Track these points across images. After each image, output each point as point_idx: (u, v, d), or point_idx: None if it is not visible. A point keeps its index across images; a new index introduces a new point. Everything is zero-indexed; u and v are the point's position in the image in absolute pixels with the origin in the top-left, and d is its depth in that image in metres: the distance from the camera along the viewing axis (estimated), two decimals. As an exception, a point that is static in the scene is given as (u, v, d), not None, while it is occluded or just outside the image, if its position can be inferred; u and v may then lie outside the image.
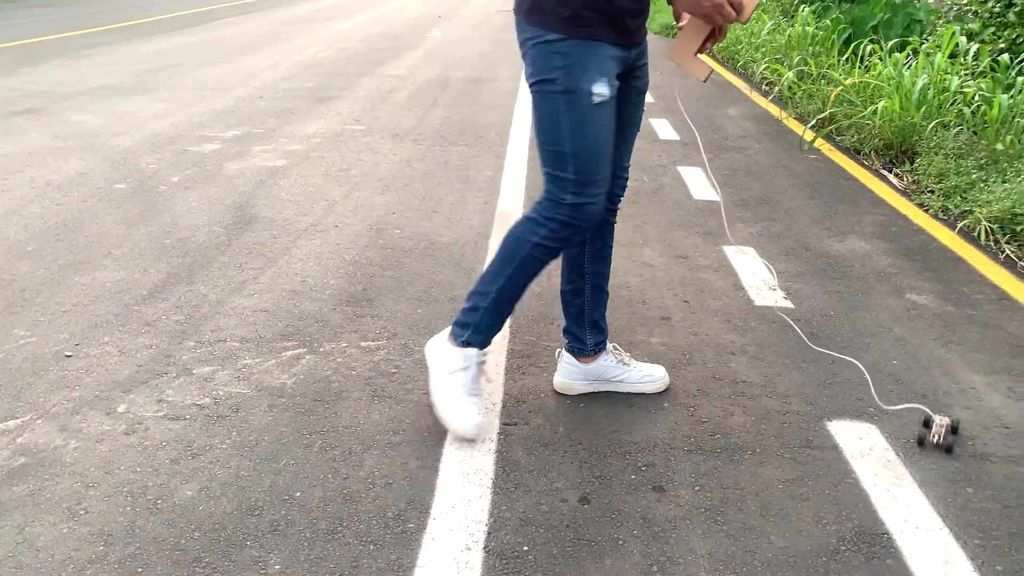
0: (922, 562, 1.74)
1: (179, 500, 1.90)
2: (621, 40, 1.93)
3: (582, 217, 2.00)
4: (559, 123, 1.94)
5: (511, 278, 2.11)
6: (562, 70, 1.90)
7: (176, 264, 3.29)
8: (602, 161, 1.98)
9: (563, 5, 1.87)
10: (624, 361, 2.37)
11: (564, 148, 1.96)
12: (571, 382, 2.37)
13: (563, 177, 1.98)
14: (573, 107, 1.92)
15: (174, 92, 6.98)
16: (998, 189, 3.75)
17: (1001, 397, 2.37)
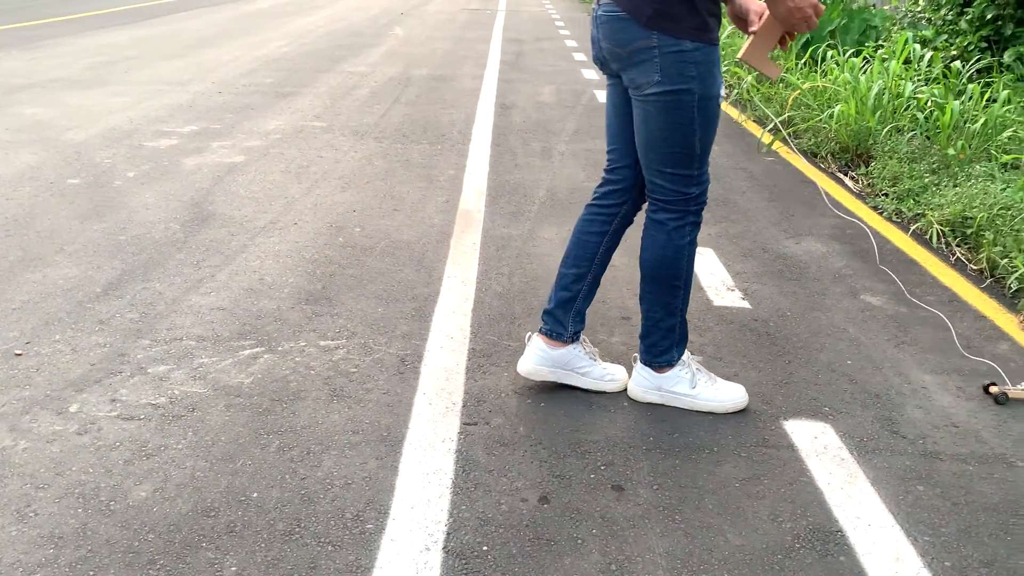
0: (874, 559, 1.77)
1: (132, 501, 1.87)
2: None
3: (705, 199, 2.21)
4: (692, 128, 2.06)
5: (687, 285, 2.27)
6: (696, 79, 2.01)
7: (131, 261, 3.23)
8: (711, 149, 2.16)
9: (694, 14, 1.97)
10: (592, 356, 2.39)
11: (694, 149, 2.10)
12: (538, 367, 2.37)
13: (687, 174, 2.14)
14: (704, 112, 2.05)
15: (130, 86, 6.86)
16: (949, 193, 3.84)
17: (951, 396, 2.42)
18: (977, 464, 2.10)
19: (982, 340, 2.78)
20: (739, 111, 6.38)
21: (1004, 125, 4.63)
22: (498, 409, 2.29)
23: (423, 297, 2.98)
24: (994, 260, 3.30)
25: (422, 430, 2.18)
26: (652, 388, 2.33)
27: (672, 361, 2.30)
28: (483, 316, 2.84)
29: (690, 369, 2.31)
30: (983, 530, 1.86)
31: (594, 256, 2.32)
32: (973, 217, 3.56)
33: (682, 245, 2.20)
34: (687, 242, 2.21)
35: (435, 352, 2.59)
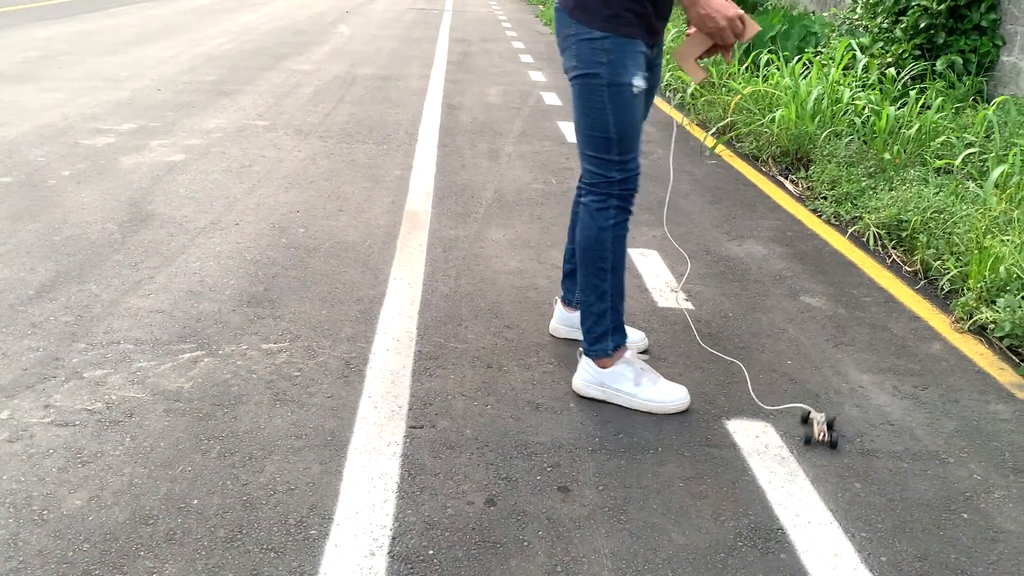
0: (813, 556, 1.81)
1: (67, 510, 1.82)
2: (649, 40, 2.19)
3: (631, 186, 2.28)
4: (604, 112, 2.18)
5: (615, 270, 2.32)
6: (606, 66, 2.14)
7: (66, 262, 3.14)
8: (636, 139, 2.27)
9: (608, 6, 2.11)
10: None
11: (609, 134, 2.20)
12: (558, 325, 2.72)
13: (608, 159, 2.23)
14: (618, 97, 2.16)
15: (65, 82, 6.67)
16: (885, 197, 3.94)
17: (887, 395, 2.49)
18: (911, 461, 2.16)
19: (916, 340, 2.86)
20: (683, 115, 6.46)
21: (937, 131, 4.78)
22: (444, 412, 2.28)
23: (368, 299, 2.96)
24: (928, 262, 3.40)
25: (367, 434, 2.16)
26: (595, 383, 2.36)
27: (607, 351, 2.34)
28: (430, 318, 2.83)
29: (634, 368, 2.34)
30: (917, 525, 1.92)
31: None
32: (908, 220, 3.66)
33: (605, 227, 2.28)
34: (610, 224, 2.27)
35: (381, 355, 2.57)
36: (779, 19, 7.61)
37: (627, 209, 2.31)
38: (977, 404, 2.46)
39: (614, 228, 2.28)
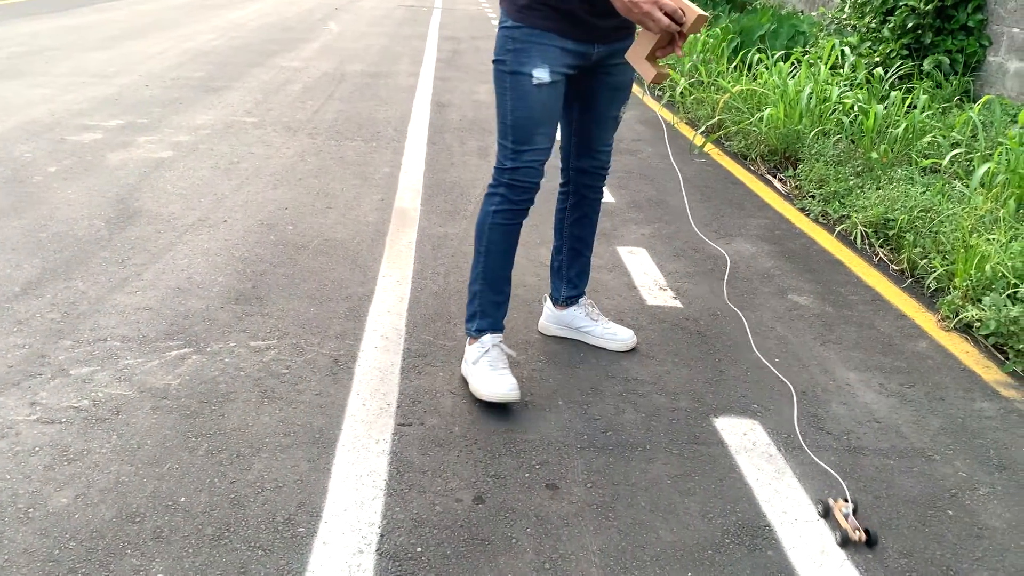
0: (800, 553, 1.82)
1: (53, 508, 1.81)
2: (577, 35, 2.17)
3: (522, 179, 2.27)
4: (505, 98, 2.22)
5: (489, 254, 2.35)
6: (511, 53, 2.18)
7: (52, 259, 3.12)
8: (538, 134, 2.24)
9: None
10: (592, 316, 2.68)
11: (507, 120, 2.23)
12: (547, 323, 2.75)
13: (504, 145, 2.26)
14: (516, 85, 2.19)
15: (52, 77, 6.62)
16: (872, 195, 3.96)
17: (874, 393, 2.50)
18: (898, 458, 2.18)
19: (903, 338, 2.87)
20: (672, 113, 6.47)
21: (924, 131, 4.80)
22: (433, 409, 2.28)
23: (357, 296, 2.95)
24: (914, 261, 3.42)
25: (355, 431, 2.16)
26: (466, 360, 2.41)
27: (469, 332, 2.41)
28: (419, 316, 2.83)
29: (486, 351, 2.35)
30: (903, 522, 1.93)
31: (562, 230, 2.64)
32: (895, 219, 3.68)
33: (487, 211, 2.32)
34: (492, 211, 2.31)
35: (369, 352, 2.57)
36: (768, 18, 7.64)
37: (514, 201, 2.30)
38: (963, 402, 2.48)
39: (494, 216, 2.31)
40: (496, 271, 2.37)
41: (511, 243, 2.37)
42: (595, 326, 2.67)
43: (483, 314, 2.38)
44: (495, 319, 2.40)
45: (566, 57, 2.19)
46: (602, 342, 2.67)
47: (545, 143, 2.28)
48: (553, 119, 2.28)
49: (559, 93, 2.24)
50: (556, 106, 2.26)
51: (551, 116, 2.26)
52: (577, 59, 2.21)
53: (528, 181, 2.29)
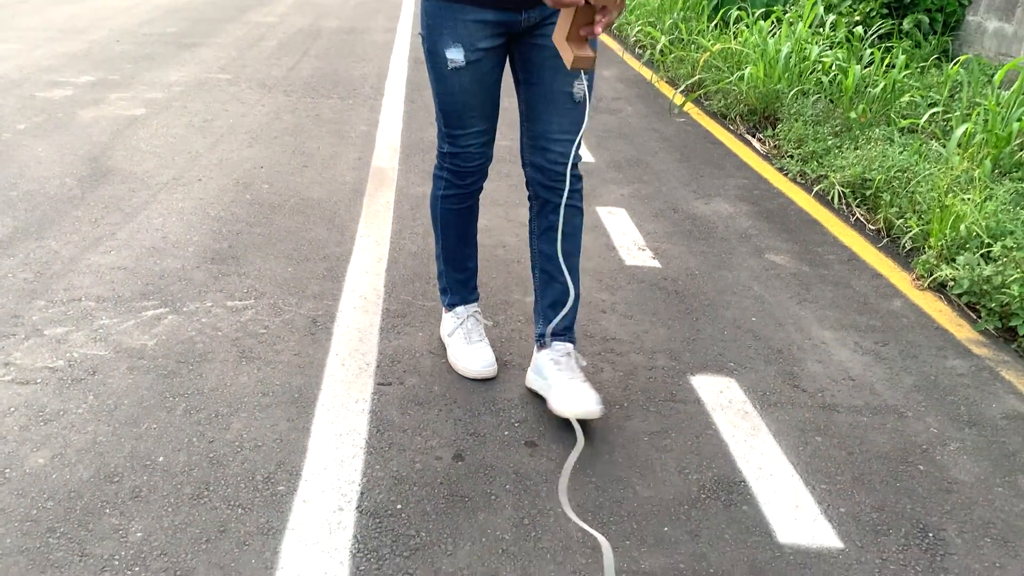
0: (774, 507, 1.85)
1: (29, 468, 1.80)
2: (497, 2, 1.88)
3: (461, 164, 2.13)
4: (431, 78, 2.05)
5: (444, 236, 2.29)
6: (426, 30, 1.98)
7: (23, 218, 3.07)
8: (468, 117, 2.04)
9: None
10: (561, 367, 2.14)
11: (436, 102, 2.08)
12: (529, 374, 2.24)
13: (440, 129, 2.12)
14: (435, 67, 2.00)
15: (19, 32, 6.45)
16: (850, 155, 3.97)
17: (848, 351, 2.53)
18: (871, 415, 2.21)
19: (878, 297, 2.90)
20: (652, 71, 6.43)
21: (902, 90, 4.81)
22: (412, 369, 2.28)
23: (335, 256, 2.93)
24: (890, 220, 3.45)
25: (335, 391, 2.16)
26: (443, 331, 2.41)
27: (444, 303, 2.39)
28: (397, 276, 2.82)
29: (461, 323, 2.33)
30: (875, 477, 1.97)
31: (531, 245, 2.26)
32: (872, 179, 3.69)
33: (436, 195, 2.24)
34: (439, 195, 2.22)
35: (348, 312, 2.56)
36: (749, -24, 7.56)
37: (459, 185, 2.18)
38: (935, 360, 2.52)
39: (443, 200, 2.22)
40: (455, 250, 2.30)
41: (465, 223, 2.27)
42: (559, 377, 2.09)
43: (451, 291, 2.35)
44: (463, 294, 2.36)
45: (486, 30, 1.92)
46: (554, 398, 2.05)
47: (480, 124, 2.06)
48: (485, 100, 2.03)
49: (486, 71, 1.98)
50: (484, 87, 2.00)
51: (481, 98, 2.02)
52: (502, 29, 1.93)
53: (469, 165, 2.13)
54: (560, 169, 2.03)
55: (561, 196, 2.06)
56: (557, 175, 2.04)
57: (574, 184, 2.06)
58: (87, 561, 1.57)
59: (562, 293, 2.15)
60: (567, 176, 1.99)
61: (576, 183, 2.08)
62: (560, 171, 2.03)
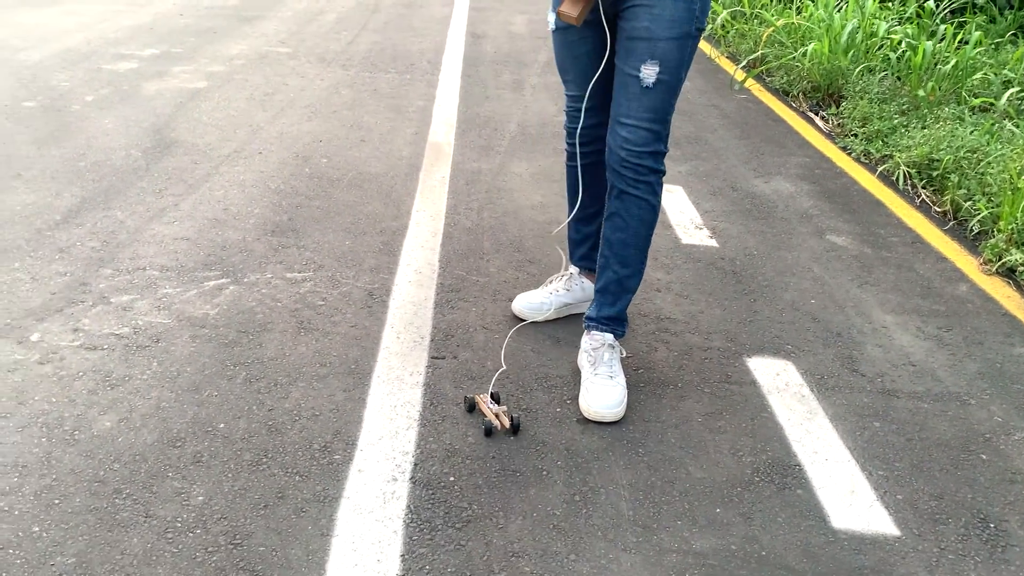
0: (829, 492, 1.82)
1: (97, 431, 1.86)
2: None
3: (566, 120, 2.24)
4: None
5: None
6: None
7: (91, 188, 3.16)
8: (567, 80, 2.17)
9: None
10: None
11: None
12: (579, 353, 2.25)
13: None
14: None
15: (86, 5, 6.60)
16: (917, 135, 3.86)
17: (910, 336, 2.47)
18: (932, 402, 2.16)
19: (943, 281, 2.83)
20: (712, 47, 6.31)
21: (975, 67, 4.64)
22: (466, 343, 2.30)
23: (391, 231, 2.96)
24: (958, 203, 3.34)
25: (390, 363, 2.18)
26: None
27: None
28: (452, 251, 2.83)
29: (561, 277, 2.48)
30: (934, 465, 1.93)
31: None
32: (939, 160, 3.58)
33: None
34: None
35: (403, 286, 2.58)
36: (815, -52, 7.35)
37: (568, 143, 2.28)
38: (1001, 347, 2.45)
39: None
40: (569, 209, 2.35)
41: (574, 186, 2.29)
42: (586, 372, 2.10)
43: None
44: (570, 253, 2.44)
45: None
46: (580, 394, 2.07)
47: (573, 90, 2.16)
48: (574, 68, 2.11)
49: (573, 40, 2.05)
50: (573, 56, 2.09)
51: (569, 64, 2.12)
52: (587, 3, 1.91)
53: (569, 126, 2.24)
54: (623, 155, 1.97)
55: (625, 182, 2.00)
56: (621, 161, 1.98)
57: (642, 175, 1.98)
58: (151, 522, 1.62)
59: (612, 280, 2.12)
60: (632, 164, 1.96)
61: (645, 174, 1.98)
62: (623, 156, 1.97)
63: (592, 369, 2.08)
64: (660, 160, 2.00)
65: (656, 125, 1.94)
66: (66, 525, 1.60)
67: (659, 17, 1.85)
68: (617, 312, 2.14)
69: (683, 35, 1.88)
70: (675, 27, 1.86)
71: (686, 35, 1.89)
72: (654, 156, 1.98)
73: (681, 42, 1.88)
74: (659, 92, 1.91)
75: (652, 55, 1.88)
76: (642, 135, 1.94)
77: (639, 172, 1.98)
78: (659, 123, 1.95)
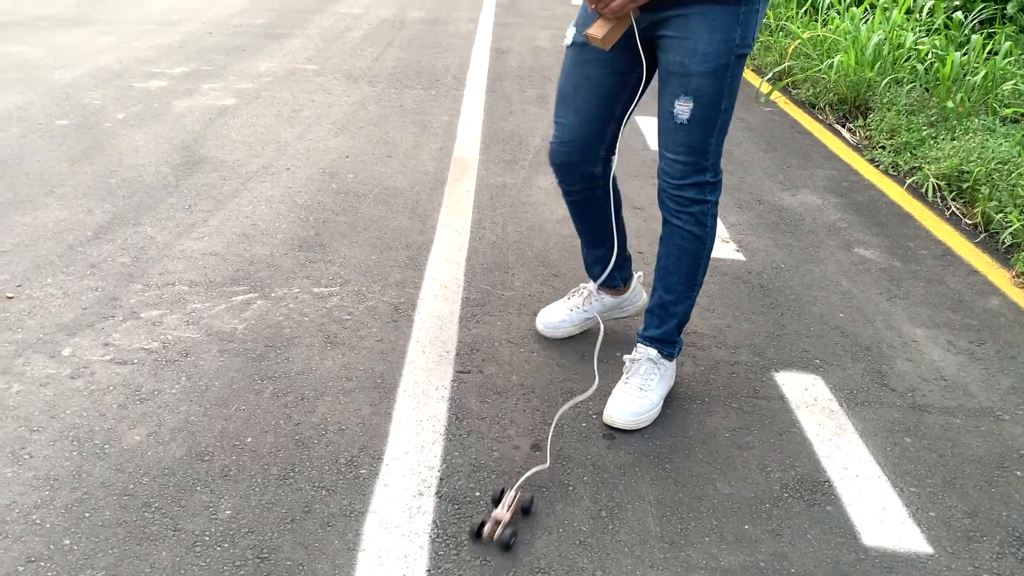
0: (860, 508, 1.80)
1: (127, 445, 1.88)
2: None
3: (550, 156, 2.08)
4: None
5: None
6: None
7: (122, 204, 3.20)
8: (561, 100, 2.01)
9: None
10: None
11: None
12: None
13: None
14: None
15: (118, 25, 6.72)
16: (947, 147, 3.82)
17: (941, 350, 2.44)
18: (964, 417, 2.13)
19: (974, 295, 2.79)
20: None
21: (1005, 78, 4.59)
22: (491, 358, 2.30)
23: (417, 245, 2.97)
24: (989, 215, 3.30)
25: (415, 378, 2.19)
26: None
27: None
28: (477, 265, 2.84)
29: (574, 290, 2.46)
30: (968, 482, 1.89)
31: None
32: (970, 171, 3.54)
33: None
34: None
35: (429, 301, 2.59)
36: (841, -40, 7.32)
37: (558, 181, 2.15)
38: (1035, 361, 2.41)
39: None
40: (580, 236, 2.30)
41: (573, 216, 2.23)
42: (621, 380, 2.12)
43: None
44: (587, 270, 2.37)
45: (591, 16, 1.84)
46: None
47: (567, 114, 1.99)
48: (580, 90, 1.95)
49: (588, 60, 1.91)
50: (584, 76, 1.93)
51: (575, 84, 1.95)
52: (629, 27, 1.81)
53: (552, 160, 2.08)
54: (664, 186, 1.94)
55: (668, 212, 1.97)
56: (663, 191, 1.95)
57: (683, 205, 1.93)
58: (180, 536, 1.63)
59: (658, 303, 2.08)
60: (672, 195, 1.93)
61: (687, 204, 1.93)
62: (664, 187, 1.94)
63: (625, 377, 2.09)
64: (705, 191, 1.91)
65: (694, 157, 1.87)
66: (96, 538, 1.62)
67: (693, 51, 1.76)
68: (661, 335, 2.10)
69: (719, 68, 1.77)
70: (709, 61, 1.76)
71: (723, 67, 1.77)
72: (696, 187, 1.91)
73: (717, 75, 1.78)
74: (695, 128, 1.83)
75: (686, 91, 1.79)
76: (679, 168, 1.89)
77: (680, 203, 1.93)
78: (699, 154, 1.86)
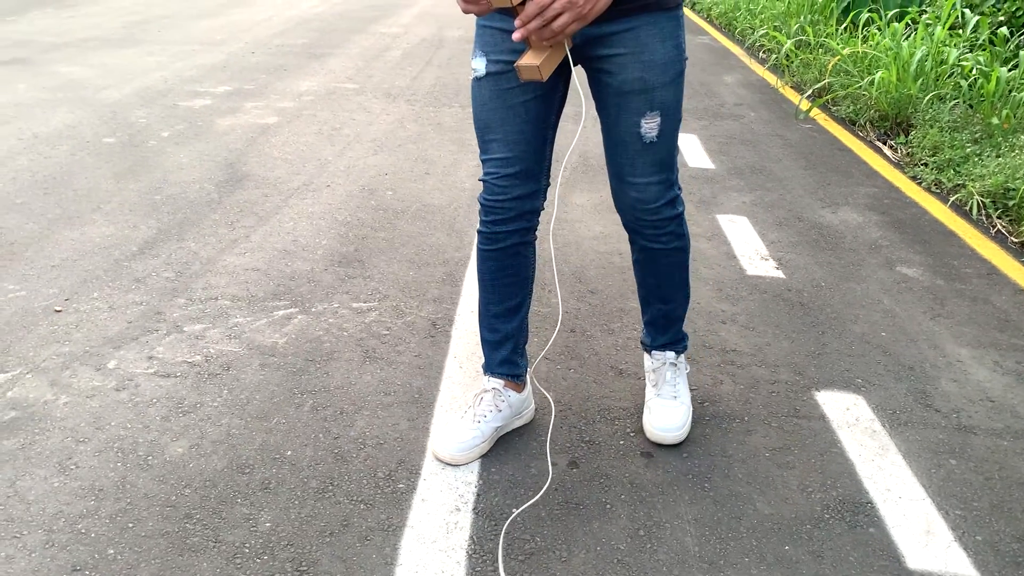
0: (904, 531, 1.76)
1: (170, 457, 1.91)
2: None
3: (485, 196, 1.84)
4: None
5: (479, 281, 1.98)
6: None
7: (167, 220, 3.27)
8: (488, 138, 1.79)
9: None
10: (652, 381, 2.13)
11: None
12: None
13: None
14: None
15: (164, 45, 6.88)
16: (992, 163, 3.75)
17: (987, 371, 2.39)
18: (1012, 439, 2.08)
19: (1021, 314, 2.73)
20: (776, 76, 6.27)
21: (1051, 94, 4.50)
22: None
23: (454, 261, 2.99)
24: (1036, 233, 3.24)
25: (452, 393, 2.20)
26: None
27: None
28: (514, 281, 2.84)
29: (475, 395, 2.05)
30: (1016, 505, 1.85)
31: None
32: (1016, 188, 3.48)
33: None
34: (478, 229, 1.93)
35: (465, 316, 2.60)
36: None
37: (484, 222, 1.87)
38: (1086, 382, 2.35)
39: (477, 236, 1.91)
40: (483, 305, 1.98)
41: (494, 276, 1.92)
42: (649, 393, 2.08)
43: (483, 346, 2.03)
44: (488, 361, 2.02)
45: (503, 41, 1.69)
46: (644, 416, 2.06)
47: (501, 151, 1.77)
48: (507, 122, 1.75)
49: (510, 88, 1.71)
50: (507, 106, 1.73)
51: (501, 117, 1.75)
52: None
53: (490, 200, 1.83)
54: (638, 215, 1.85)
55: (646, 239, 1.89)
56: (637, 220, 1.86)
57: (662, 227, 1.86)
58: (220, 547, 1.65)
59: (658, 315, 2.05)
60: (649, 221, 1.85)
61: (665, 225, 1.86)
62: (638, 216, 1.85)
63: (655, 390, 2.07)
64: (677, 203, 1.86)
65: (665, 174, 1.80)
66: (139, 548, 1.64)
67: (651, 64, 1.66)
68: (670, 338, 2.08)
69: (677, 75, 1.70)
70: (668, 70, 1.68)
71: (679, 74, 1.70)
72: (670, 204, 1.84)
73: (676, 84, 1.71)
74: (663, 143, 1.75)
75: (651, 106, 1.70)
76: (653, 191, 1.80)
77: (658, 227, 1.86)
78: (668, 170, 1.80)
